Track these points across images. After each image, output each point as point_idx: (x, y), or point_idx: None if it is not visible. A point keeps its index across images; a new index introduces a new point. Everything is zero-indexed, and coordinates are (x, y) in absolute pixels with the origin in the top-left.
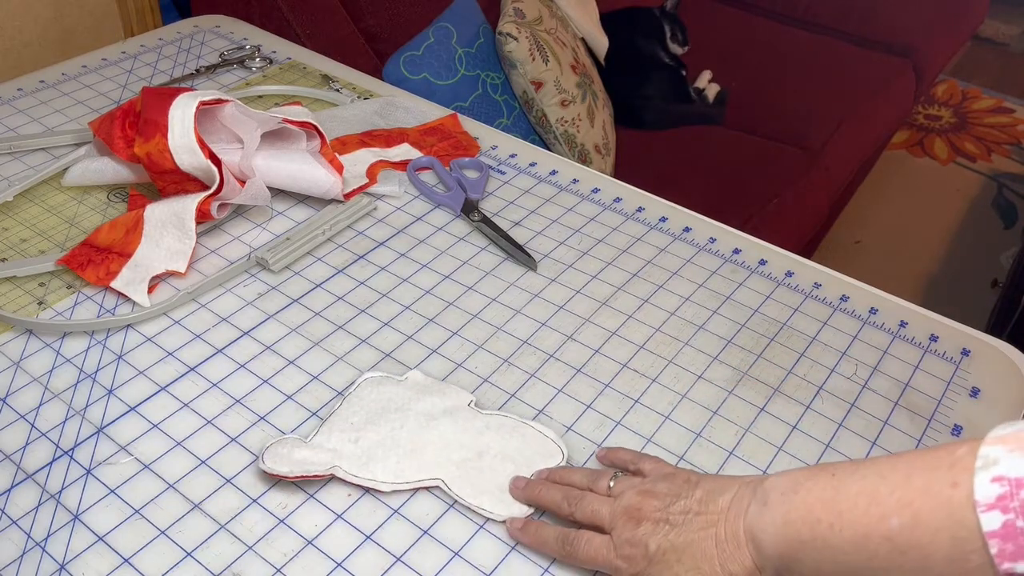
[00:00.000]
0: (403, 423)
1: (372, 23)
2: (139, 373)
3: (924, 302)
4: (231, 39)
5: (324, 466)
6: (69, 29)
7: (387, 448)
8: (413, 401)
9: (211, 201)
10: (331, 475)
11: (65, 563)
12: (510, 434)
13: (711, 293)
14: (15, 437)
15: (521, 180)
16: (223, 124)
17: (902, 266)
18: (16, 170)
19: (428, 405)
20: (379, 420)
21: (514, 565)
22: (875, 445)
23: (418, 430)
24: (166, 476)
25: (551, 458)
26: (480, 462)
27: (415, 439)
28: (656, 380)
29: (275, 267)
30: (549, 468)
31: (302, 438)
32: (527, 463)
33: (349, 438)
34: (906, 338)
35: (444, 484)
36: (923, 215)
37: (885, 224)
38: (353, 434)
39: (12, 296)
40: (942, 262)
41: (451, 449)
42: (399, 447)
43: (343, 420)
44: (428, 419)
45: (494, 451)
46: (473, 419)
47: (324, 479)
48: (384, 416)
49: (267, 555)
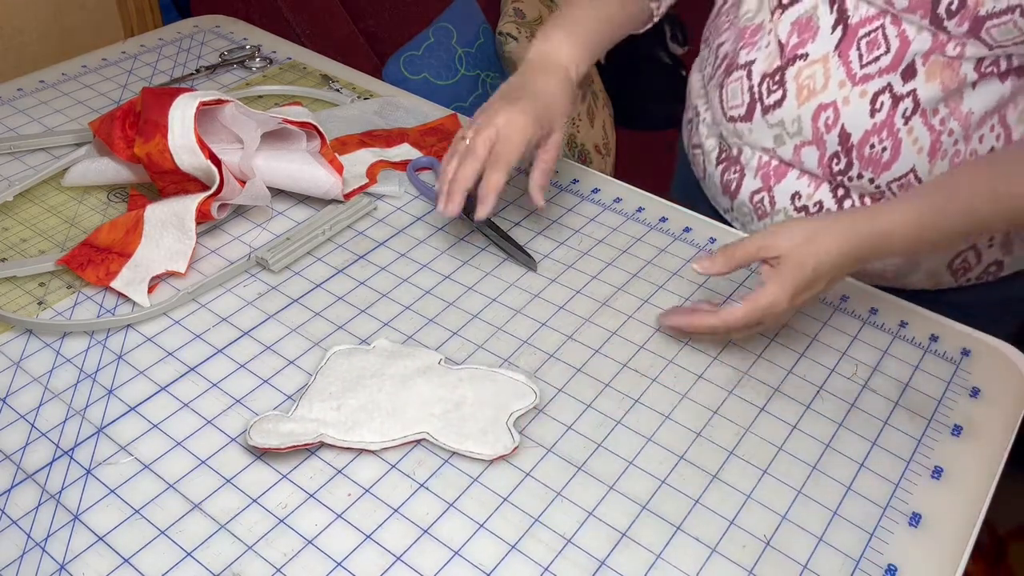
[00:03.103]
0: (380, 387)
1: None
2: (139, 373)
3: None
4: (231, 39)
5: (311, 435)
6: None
7: (369, 411)
8: (386, 366)
9: (211, 201)
10: (320, 443)
11: (65, 563)
12: (483, 382)
13: (711, 293)
14: (15, 437)
15: (521, 180)
16: (223, 124)
17: None
18: (16, 170)
19: (401, 368)
20: (356, 387)
21: (514, 565)
22: (875, 445)
23: (396, 391)
24: (166, 476)
25: (524, 398)
26: (460, 411)
27: (395, 400)
28: (656, 380)
29: (275, 267)
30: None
31: (284, 413)
32: (504, 406)
33: (331, 406)
34: (906, 338)
35: (430, 436)
36: None
37: None
38: (334, 402)
39: (12, 296)
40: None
41: (431, 404)
42: (381, 409)
43: (321, 391)
44: (404, 380)
45: (471, 399)
46: (446, 374)
47: (313, 447)
48: (361, 383)
49: (267, 555)
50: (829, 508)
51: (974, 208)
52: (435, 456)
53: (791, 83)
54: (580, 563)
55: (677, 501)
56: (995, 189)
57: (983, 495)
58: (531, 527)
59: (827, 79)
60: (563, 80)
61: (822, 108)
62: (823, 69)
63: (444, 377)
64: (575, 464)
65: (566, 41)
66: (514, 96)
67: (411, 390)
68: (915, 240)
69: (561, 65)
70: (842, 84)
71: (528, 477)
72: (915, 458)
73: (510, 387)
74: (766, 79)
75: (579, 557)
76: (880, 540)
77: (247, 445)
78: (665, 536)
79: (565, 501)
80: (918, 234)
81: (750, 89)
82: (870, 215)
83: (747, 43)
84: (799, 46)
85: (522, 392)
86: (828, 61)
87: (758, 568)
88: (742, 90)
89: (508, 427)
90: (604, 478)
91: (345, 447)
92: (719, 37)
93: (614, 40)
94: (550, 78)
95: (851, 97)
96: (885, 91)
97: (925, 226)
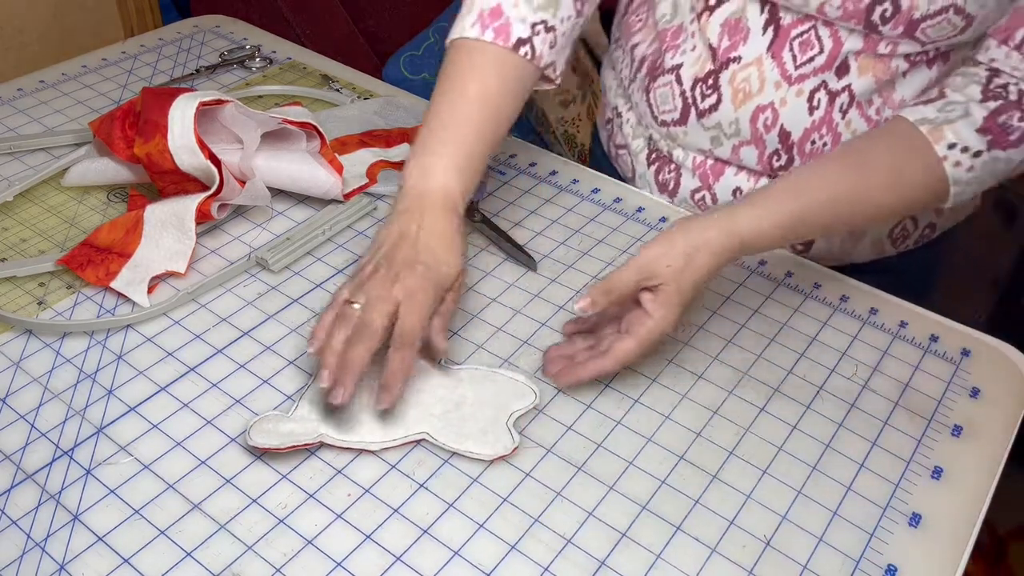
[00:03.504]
0: None
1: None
2: (139, 373)
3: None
4: (231, 39)
5: (311, 435)
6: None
7: (369, 412)
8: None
9: (211, 202)
10: (319, 443)
11: (65, 563)
12: (483, 382)
13: (711, 293)
14: (15, 437)
15: (521, 180)
16: (223, 124)
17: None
18: (16, 170)
19: None
20: (358, 389)
21: (514, 565)
22: (875, 445)
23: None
24: (166, 476)
25: (524, 398)
26: (460, 411)
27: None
28: (656, 380)
29: (275, 267)
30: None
31: (284, 413)
32: (503, 406)
33: (330, 407)
34: (906, 338)
35: (430, 436)
36: None
37: None
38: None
39: (12, 296)
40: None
41: (431, 404)
42: (381, 412)
43: (320, 391)
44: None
45: (471, 400)
46: (446, 374)
47: (313, 447)
48: (363, 384)
49: (267, 555)
50: (829, 508)
51: (836, 212)
52: (435, 456)
53: (726, 87)
54: (580, 563)
55: (677, 501)
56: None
57: (983, 495)
58: (531, 527)
59: (762, 81)
60: (456, 225)
61: (760, 110)
62: (757, 71)
63: (444, 377)
64: (575, 464)
65: (449, 171)
66: (408, 258)
67: (411, 390)
68: (780, 240)
69: (451, 204)
70: (778, 85)
71: (528, 477)
72: (915, 458)
73: (510, 387)
74: (698, 83)
75: (579, 557)
76: (880, 540)
77: (247, 445)
78: (665, 536)
79: (565, 501)
80: (783, 235)
81: (682, 94)
82: (739, 222)
83: (670, 46)
84: (731, 49)
85: (522, 392)
86: (762, 63)
87: (758, 568)
88: (673, 95)
89: (508, 427)
90: (604, 478)
91: (345, 447)
92: (631, 38)
93: (503, 137)
94: (442, 224)
95: (788, 98)
96: (821, 88)
97: (788, 227)
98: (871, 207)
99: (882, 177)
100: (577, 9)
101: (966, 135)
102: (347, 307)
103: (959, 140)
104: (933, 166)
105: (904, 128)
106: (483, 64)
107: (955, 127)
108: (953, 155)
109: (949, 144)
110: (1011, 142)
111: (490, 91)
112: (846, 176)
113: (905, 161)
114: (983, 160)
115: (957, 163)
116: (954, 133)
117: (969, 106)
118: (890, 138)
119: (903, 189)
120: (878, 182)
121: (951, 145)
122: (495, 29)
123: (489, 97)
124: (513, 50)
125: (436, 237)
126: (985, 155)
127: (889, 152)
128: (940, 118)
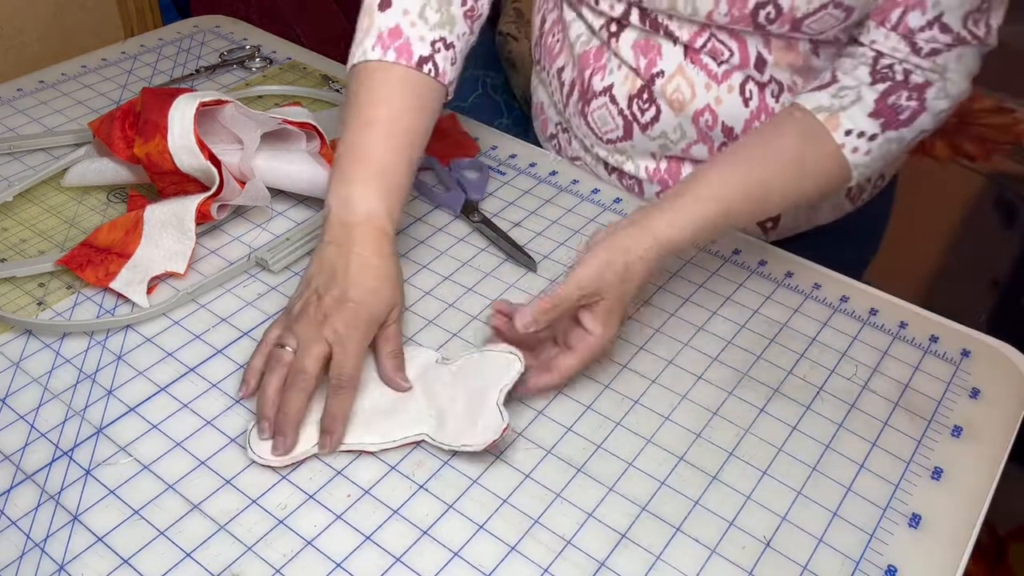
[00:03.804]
0: (380, 391)
1: None
2: (139, 374)
3: (924, 303)
4: (231, 39)
5: (312, 442)
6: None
7: (368, 414)
8: None
9: (211, 202)
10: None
11: (64, 564)
12: (474, 367)
13: (711, 294)
14: (14, 438)
15: (521, 181)
16: (223, 125)
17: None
18: (16, 170)
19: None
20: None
21: (514, 566)
22: (875, 446)
23: (395, 397)
24: (165, 477)
25: (510, 368)
26: (454, 407)
27: (394, 403)
28: (656, 381)
29: (275, 267)
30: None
31: None
32: (492, 384)
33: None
34: (906, 339)
35: (428, 437)
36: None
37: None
38: None
39: (12, 297)
40: (942, 262)
41: (428, 405)
42: (379, 412)
43: (319, 393)
44: None
45: (464, 392)
46: (441, 370)
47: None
48: (362, 386)
49: (266, 556)
50: (829, 509)
51: (748, 208)
52: (434, 457)
53: (661, 99)
54: (580, 564)
55: (677, 502)
56: (762, 183)
57: (983, 496)
58: (531, 528)
59: (692, 87)
60: (388, 250)
61: (699, 113)
62: (684, 80)
63: (439, 372)
64: (575, 465)
65: (370, 198)
66: (337, 297)
67: (410, 394)
68: (697, 240)
69: (378, 230)
70: (708, 87)
71: (528, 478)
72: (915, 459)
73: (496, 362)
74: (634, 100)
75: (579, 558)
76: (880, 541)
77: (248, 458)
78: (665, 537)
79: (565, 502)
80: (695, 237)
81: (620, 113)
82: (658, 229)
83: (596, 69)
84: (651, 65)
85: (508, 361)
86: (685, 71)
87: (758, 569)
88: (611, 115)
89: (498, 406)
90: (604, 479)
91: (345, 450)
92: (555, 61)
93: (419, 156)
94: (370, 253)
95: (721, 96)
96: (748, 81)
97: (703, 228)
98: (780, 198)
99: (788, 169)
100: (469, 27)
101: (860, 120)
102: (278, 350)
103: (855, 126)
104: (834, 153)
105: (802, 117)
106: (389, 85)
107: (849, 112)
108: (851, 141)
109: (846, 131)
110: (902, 121)
111: (399, 111)
112: (753, 171)
113: (807, 151)
114: (878, 143)
115: (855, 148)
116: (849, 119)
117: (861, 90)
118: (791, 129)
119: (809, 179)
120: (784, 175)
121: (848, 132)
122: (396, 49)
123: (399, 117)
124: (417, 68)
125: (366, 269)
126: (880, 137)
127: (792, 144)
128: (835, 104)
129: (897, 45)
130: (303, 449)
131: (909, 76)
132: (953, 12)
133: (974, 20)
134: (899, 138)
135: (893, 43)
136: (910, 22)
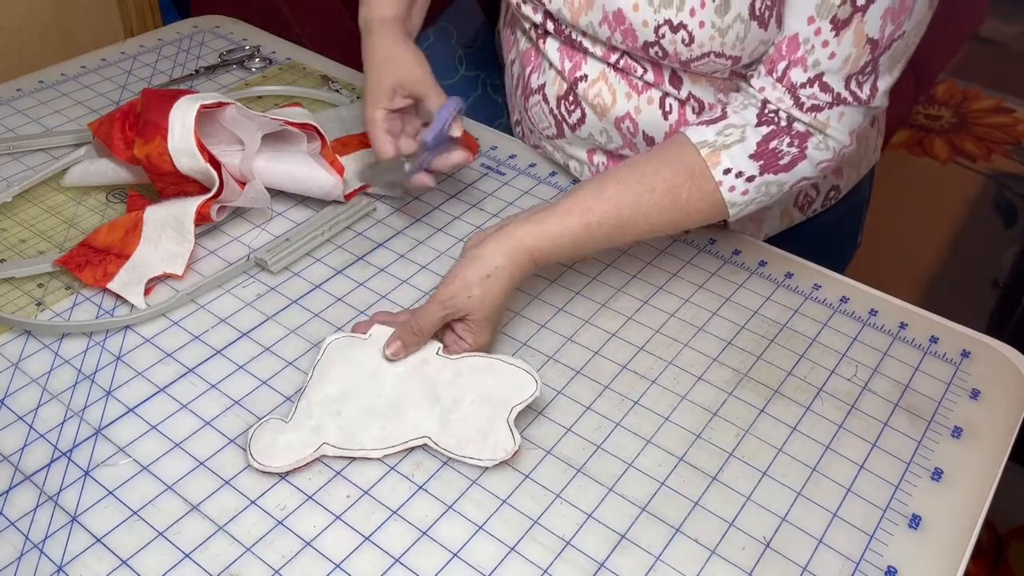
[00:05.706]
0: (380, 390)
1: None
2: (138, 374)
3: (924, 303)
4: (231, 39)
5: (312, 447)
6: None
7: (369, 416)
8: (384, 362)
9: (211, 204)
10: (323, 455)
11: (63, 564)
12: (483, 374)
13: (711, 295)
14: (13, 438)
15: (521, 181)
16: (224, 126)
17: (902, 267)
18: (15, 170)
19: (399, 363)
20: (357, 390)
21: (513, 567)
22: (875, 447)
23: (396, 394)
24: (164, 477)
25: (525, 389)
26: (459, 411)
27: (394, 403)
28: (656, 382)
29: (274, 268)
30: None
31: (282, 419)
32: (504, 401)
33: (329, 411)
34: (906, 339)
35: (431, 441)
36: (923, 215)
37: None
38: (333, 406)
39: (11, 297)
40: (942, 262)
41: (430, 404)
42: (380, 414)
43: (319, 391)
44: (403, 380)
45: (470, 396)
46: (444, 368)
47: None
48: (362, 384)
49: (266, 556)
50: (829, 510)
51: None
52: (434, 458)
53: (585, 103)
54: (579, 565)
55: (676, 503)
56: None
57: (983, 497)
58: (530, 529)
59: (613, 94)
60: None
61: (620, 120)
62: (606, 86)
63: (443, 372)
64: (574, 466)
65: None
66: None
67: (410, 391)
68: (569, 253)
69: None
70: (628, 96)
71: (527, 479)
72: (915, 460)
73: (510, 377)
74: (561, 101)
75: (578, 559)
76: (880, 542)
77: (249, 464)
78: (664, 538)
79: (564, 503)
80: (566, 253)
81: (551, 112)
82: (525, 242)
83: (533, 67)
84: (575, 69)
85: (523, 382)
86: (607, 78)
87: (758, 570)
88: (544, 113)
89: (509, 424)
90: (603, 480)
91: (345, 456)
92: (509, 53)
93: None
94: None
95: (641, 106)
96: (667, 96)
97: (573, 244)
98: (647, 226)
99: (659, 199)
100: None
101: (740, 161)
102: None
103: (734, 165)
104: (710, 191)
105: (685, 150)
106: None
107: (731, 152)
108: (728, 180)
109: (725, 169)
110: (782, 167)
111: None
112: (626, 197)
113: (682, 185)
114: (756, 184)
115: (732, 187)
116: (730, 158)
117: (746, 130)
118: (670, 160)
119: (678, 211)
120: (654, 204)
121: (727, 170)
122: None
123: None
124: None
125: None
126: (758, 179)
127: (670, 174)
128: (719, 142)
129: (782, 96)
130: (302, 456)
131: (792, 124)
132: (834, 74)
133: (857, 82)
134: (779, 182)
135: (779, 94)
136: (793, 77)
